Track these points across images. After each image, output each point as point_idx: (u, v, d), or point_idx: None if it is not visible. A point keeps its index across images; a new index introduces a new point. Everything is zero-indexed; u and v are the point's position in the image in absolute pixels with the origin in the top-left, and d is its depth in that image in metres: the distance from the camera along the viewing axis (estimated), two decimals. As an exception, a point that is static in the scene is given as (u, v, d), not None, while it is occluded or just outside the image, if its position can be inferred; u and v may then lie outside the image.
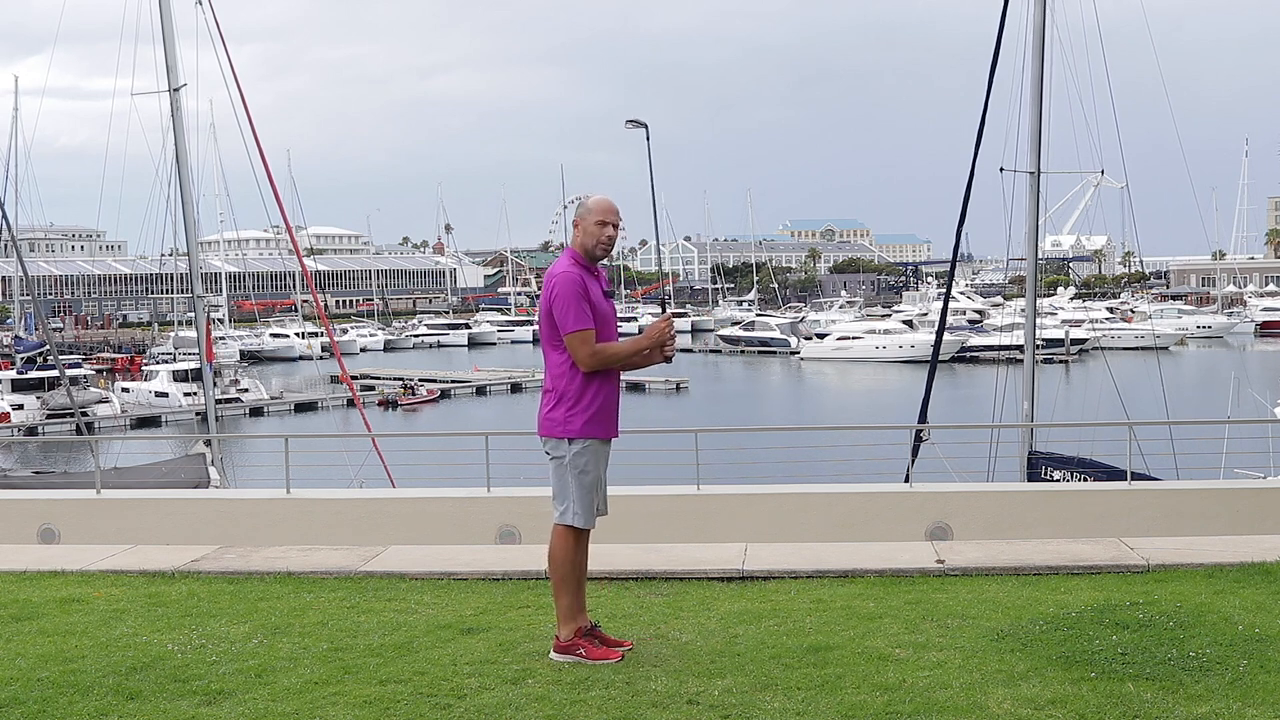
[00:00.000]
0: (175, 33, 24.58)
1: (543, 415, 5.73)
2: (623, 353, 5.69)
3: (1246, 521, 10.28)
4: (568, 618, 5.71)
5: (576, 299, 5.55)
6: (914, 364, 69.03)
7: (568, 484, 5.68)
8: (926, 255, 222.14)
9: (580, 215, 5.75)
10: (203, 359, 26.84)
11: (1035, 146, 21.95)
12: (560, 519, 5.73)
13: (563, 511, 5.71)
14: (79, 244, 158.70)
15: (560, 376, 5.67)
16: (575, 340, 5.57)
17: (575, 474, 5.67)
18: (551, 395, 5.70)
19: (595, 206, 5.74)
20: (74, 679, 5.58)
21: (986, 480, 16.68)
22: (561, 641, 5.70)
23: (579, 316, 5.56)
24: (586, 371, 5.61)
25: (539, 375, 70.49)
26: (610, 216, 5.72)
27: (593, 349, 5.58)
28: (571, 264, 5.67)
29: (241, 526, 11.44)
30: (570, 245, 5.79)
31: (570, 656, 5.64)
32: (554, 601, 5.78)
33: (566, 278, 5.59)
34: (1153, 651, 5.54)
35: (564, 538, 5.72)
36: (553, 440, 5.71)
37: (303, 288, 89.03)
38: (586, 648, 5.65)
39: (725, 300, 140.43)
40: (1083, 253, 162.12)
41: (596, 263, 5.75)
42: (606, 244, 5.71)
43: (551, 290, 5.61)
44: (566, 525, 5.70)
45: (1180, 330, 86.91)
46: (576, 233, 5.75)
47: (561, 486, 5.72)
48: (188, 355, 57.53)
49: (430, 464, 17.83)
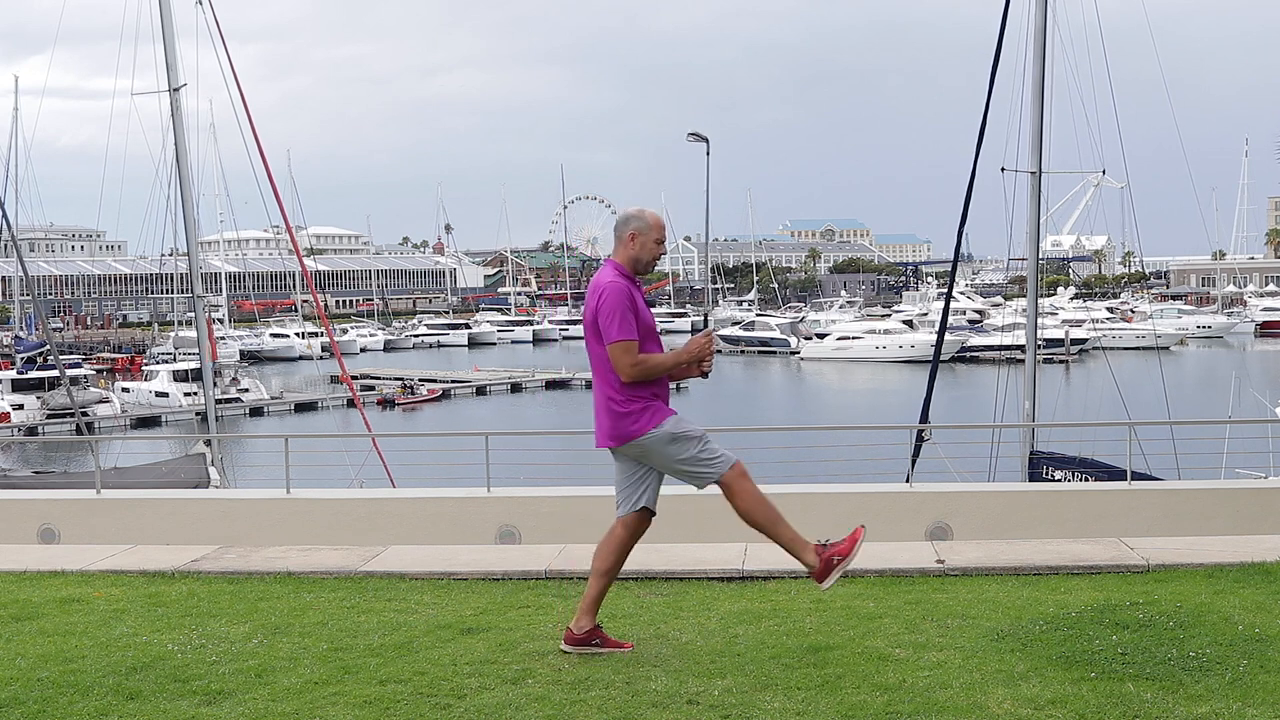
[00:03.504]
0: (175, 32, 24.62)
1: (611, 422, 5.75)
2: (664, 365, 5.74)
3: (1247, 521, 10.28)
4: (800, 545, 5.74)
5: (623, 309, 5.62)
6: (914, 364, 69.06)
7: (687, 459, 5.71)
8: (926, 255, 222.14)
9: (638, 230, 5.79)
10: (204, 358, 26.80)
11: (1036, 146, 21.95)
12: (705, 483, 5.79)
13: (709, 469, 5.73)
14: (79, 244, 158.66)
15: (615, 382, 5.70)
16: (618, 350, 5.62)
17: (680, 448, 5.70)
18: (612, 402, 5.72)
19: (655, 223, 5.83)
20: (74, 679, 5.57)
21: (988, 480, 16.68)
22: (819, 567, 5.69)
23: (624, 327, 5.62)
24: (628, 380, 5.66)
25: (539, 375, 69.89)
26: (665, 235, 5.88)
27: (635, 359, 5.64)
28: (618, 275, 5.73)
29: (241, 526, 11.44)
30: (614, 257, 5.83)
31: (829, 575, 5.68)
32: (775, 537, 5.78)
33: (615, 287, 5.65)
34: (1153, 651, 5.54)
35: (739, 484, 5.74)
36: (629, 445, 5.74)
37: (303, 288, 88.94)
38: (839, 551, 5.71)
39: (725, 300, 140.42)
40: (1083, 253, 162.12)
41: (640, 276, 5.84)
42: (657, 260, 5.89)
43: (599, 299, 5.66)
44: (726, 474, 5.72)
45: (1180, 330, 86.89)
46: (630, 245, 5.79)
47: (671, 466, 5.76)
48: (188, 355, 57.49)
49: (430, 464, 17.81)
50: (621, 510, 5.87)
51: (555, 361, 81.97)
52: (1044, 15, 21.62)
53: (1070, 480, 18.18)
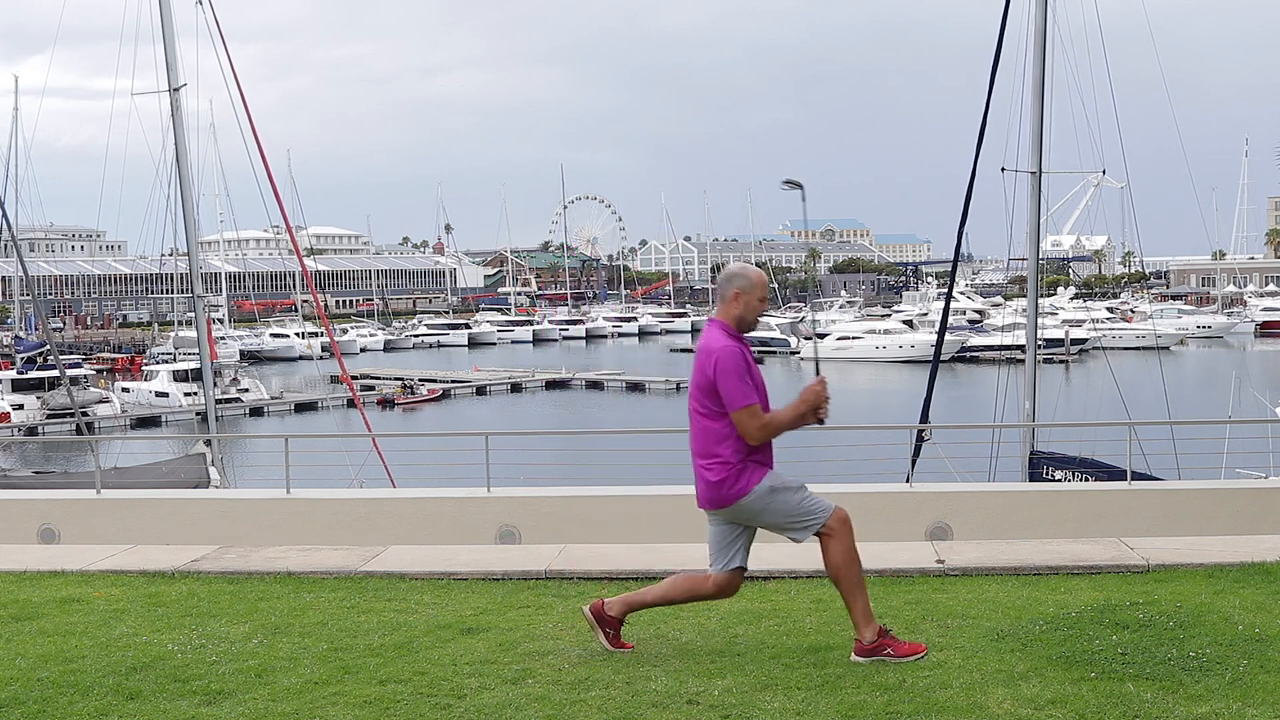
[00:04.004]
0: (175, 32, 24.60)
1: (710, 488, 5.73)
2: (786, 422, 5.71)
3: (1247, 521, 10.27)
4: (866, 619, 5.65)
5: (740, 375, 5.60)
6: (914, 364, 69.05)
7: (788, 513, 5.68)
8: (926, 255, 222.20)
9: (742, 288, 5.76)
10: (204, 358, 26.79)
11: (1037, 146, 21.94)
12: (806, 535, 5.71)
13: (810, 518, 5.67)
14: (79, 244, 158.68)
15: (718, 444, 5.68)
16: (744, 416, 5.61)
17: (781, 501, 5.68)
18: (714, 466, 5.70)
19: (759, 282, 5.80)
20: (74, 679, 5.57)
21: (988, 480, 16.67)
22: (866, 644, 5.62)
23: (745, 392, 5.60)
24: (755, 444, 5.67)
25: (539, 375, 69.73)
26: (768, 292, 5.89)
27: (761, 422, 5.63)
28: (727, 337, 5.70)
29: (241, 526, 11.43)
30: (717, 315, 5.79)
31: (876, 657, 5.59)
32: (849, 606, 5.68)
33: (729, 352, 5.63)
34: (1153, 651, 5.54)
35: (841, 535, 5.66)
36: (729, 509, 5.73)
37: (303, 288, 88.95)
38: (893, 645, 5.63)
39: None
40: (1082, 253, 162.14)
41: (744, 334, 5.82)
42: (760, 319, 5.88)
43: (714, 365, 5.62)
44: (828, 522, 5.66)
45: (1180, 330, 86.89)
46: (734, 304, 5.75)
47: (772, 521, 5.73)
48: (188, 355, 57.50)
49: (430, 464, 17.80)
50: (714, 568, 5.87)
51: (555, 361, 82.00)
52: (1044, 15, 21.61)
53: (1070, 480, 18.18)
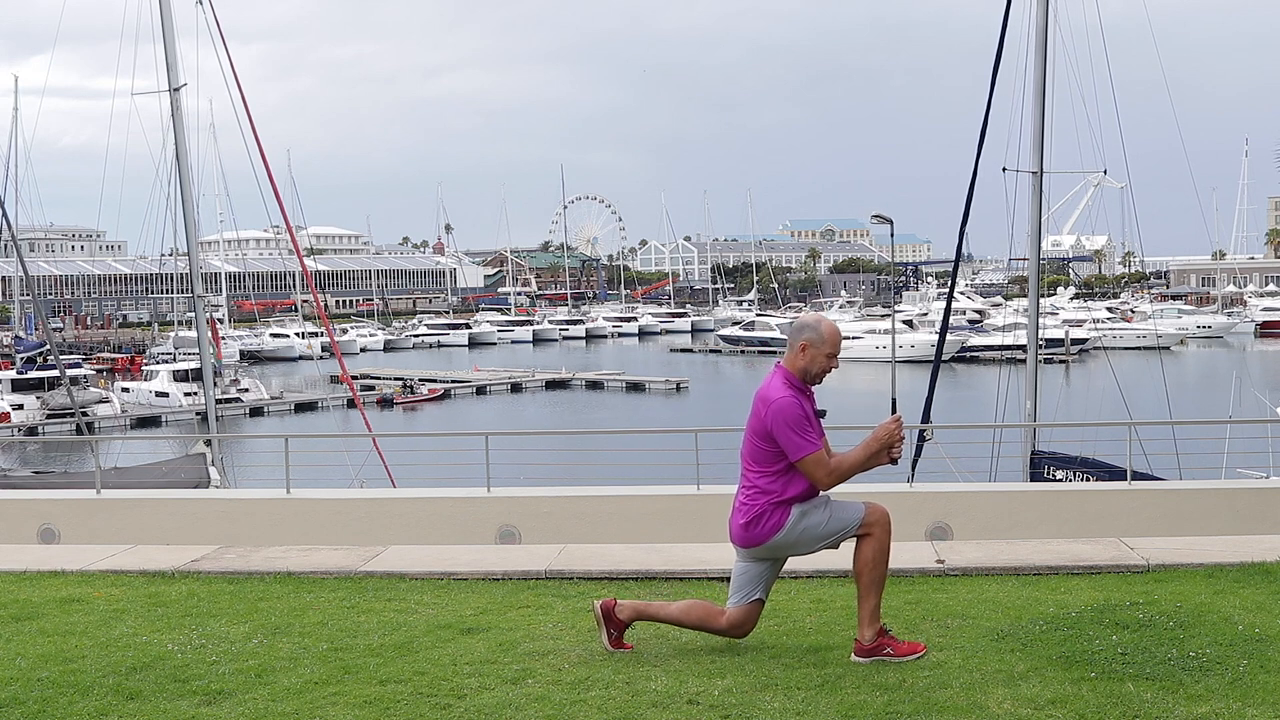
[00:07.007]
0: (175, 32, 24.62)
1: (739, 533, 5.74)
2: (858, 462, 5.70)
3: (1247, 521, 10.28)
4: (872, 620, 5.65)
5: (800, 425, 5.60)
6: (914, 364, 69.02)
7: (818, 535, 5.71)
8: (927, 255, 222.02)
9: (810, 341, 5.73)
10: (205, 358, 26.78)
11: (1038, 146, 21.94)
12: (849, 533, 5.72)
13: (846, 522, 5.70)
14: (79, 244, 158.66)
15: (763, 491, 5.68)
16: (809, 464, 5.61)
17: (813, 524, 5.69)
18: (750, 508, 5.70)
19: (830, 337, 5.75)
20: (74, 679, 5.57)
21: (989, 480, 16.67)
22: (866, 644, 5.63)
23: (805, 442, 5.59)
24: (824, 489, 5.70)
25: (539, 375, 69.78)
26: (839, 349, 5.81)
27: (829, 469, 5.64)
28: (787, 386, 5.69)
29: (241, 526, 11.44)
30: (784, 364, 5.78)
31: (876, 657, 5.59)
32: (860, 601, 5.69)
33: (785, 403, 5.61)
34: (1153, 651, 5.54)
35: (880, 532, 5.67)
36: (764, 547, 5.73)
37: (303, 288, 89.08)
38: (893, 644, 5.63)
39: (725, 300, 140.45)
40: (1083, 253, 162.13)
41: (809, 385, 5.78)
42: (826, 374, 5.81)
43: (770, 415, 5.61)
44: (866, 517, 5.69)
45: (1180, 330, 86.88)
46: (800, 355, 5.73)
47: (812, 547, 5.77)
48: (188, 355, 57.51)
49: (430, 464, 17.82)
50: (732, 601, 5.85)
51: (555, 361, 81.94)
52: (1045, 16, 21.62)
53: (1071, 480, 18.18)
